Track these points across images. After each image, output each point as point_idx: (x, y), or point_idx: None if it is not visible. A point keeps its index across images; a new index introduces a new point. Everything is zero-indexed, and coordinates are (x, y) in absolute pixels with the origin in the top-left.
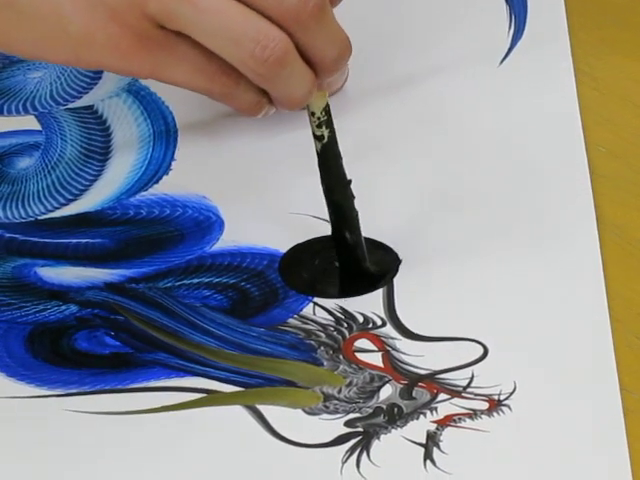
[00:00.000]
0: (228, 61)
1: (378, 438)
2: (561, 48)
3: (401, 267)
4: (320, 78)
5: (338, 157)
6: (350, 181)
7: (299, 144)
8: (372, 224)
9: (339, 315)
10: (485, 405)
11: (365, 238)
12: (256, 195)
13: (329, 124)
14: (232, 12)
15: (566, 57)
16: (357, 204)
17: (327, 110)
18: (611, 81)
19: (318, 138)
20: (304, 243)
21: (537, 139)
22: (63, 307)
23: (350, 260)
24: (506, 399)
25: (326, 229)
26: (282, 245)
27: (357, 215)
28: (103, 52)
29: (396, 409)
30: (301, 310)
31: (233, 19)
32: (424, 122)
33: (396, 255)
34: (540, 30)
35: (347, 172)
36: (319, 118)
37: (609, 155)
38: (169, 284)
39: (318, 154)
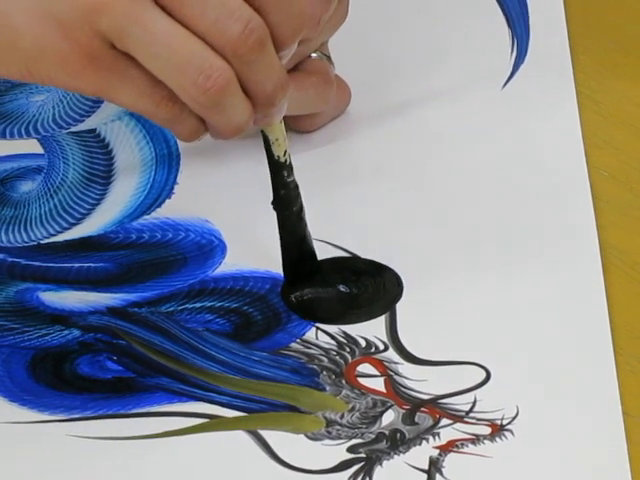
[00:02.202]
0: (170, 87)
1: (381, 464)
2: (563, 72)
3: (404, 291)
4: (256, 111)
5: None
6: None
7: (301, 168)
8: (373, 246)
9: (341, 339)
10: (488, 430)
11: (368, 260)
12: (258, 219)
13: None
14: (179, 39)
15: (568, 81)
16: (360, 227)
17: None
18: (613, 105)
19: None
20: (308, 266)
21: (539, 162)
22: (65, 332)
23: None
24: (509, 424)
25: (328, 252)
26: None
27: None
28: (52, 67)
29: (399, 434)
30: (304, 334)
31: (180, 46)
32: (426, 145)
33: (396, 279)
34: (542, 54)
35: (350, 196)
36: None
37: (612, 179)
38: (171, 308)
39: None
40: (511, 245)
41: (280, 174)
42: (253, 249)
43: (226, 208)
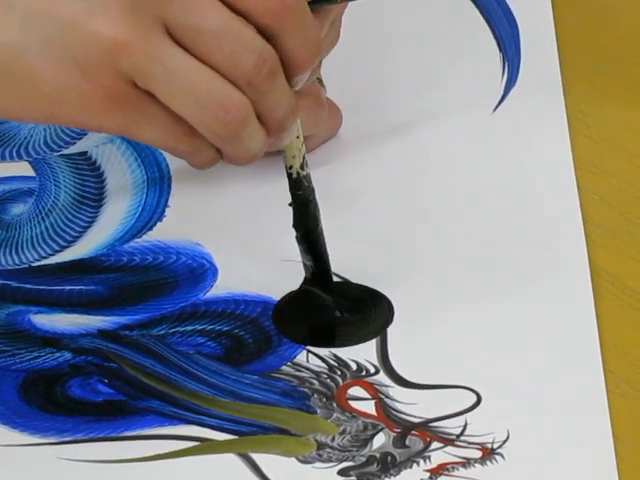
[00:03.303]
0: (189, 122)
1: None
2: (554, 96)
3: (395, 316)
4: (269, 136)
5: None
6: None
7: None
8: (363, 271)
9: (332, 363)
10: (478, 453)
11: (359, 285)
12: (250, 242)
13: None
14: (198, 74)
15: (559, 104)
16: (352, 251)
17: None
18: (604, 129)
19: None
20: (298, 290)
21: (530, 186)
22: (57, 354)
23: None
24: (499, 447)
25: None
26: (276, 292)
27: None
28: (76, 110)
29: (389, 458)
30: (295, 357)
31: (198, 81)
32: (417, 168)
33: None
34: (533, 77)
35: (341, 219)
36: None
37: (602, 203)
38: (163, 331)
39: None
40: (501, 268)
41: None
42: (244, 272)
43: (217, 231)
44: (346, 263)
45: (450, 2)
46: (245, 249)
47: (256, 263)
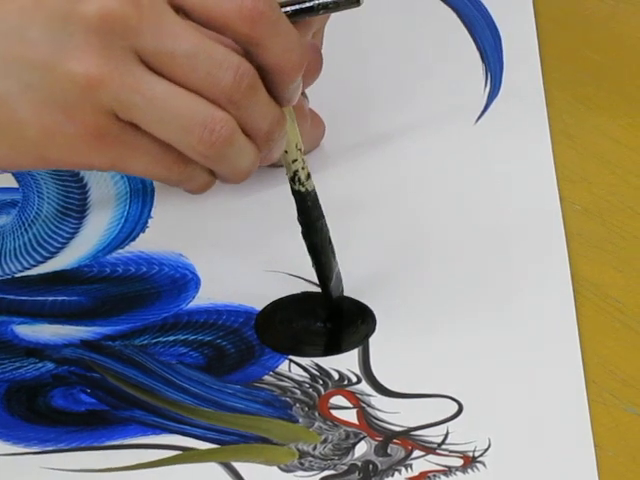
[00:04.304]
0: (176, 148)
1: None
2: (537, 106)
3: (377, 325)
4: (259, 151)
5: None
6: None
7: (274, 202)
8: (345, 281)
9: (314, 372)
10: (460, 462)
11: (341, 295)
12: (232, 253)
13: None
14: (177, 99)
15: (542, 115)
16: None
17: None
18: (587, 139)
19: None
20: (280, 300)
21: (512, 196)
22: (39, 364)
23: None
24: (480, 456)
25: (302, 287)
26: (258, 302)
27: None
28: (64, 152)
29: (371, 466)
30: (277, 367)
31: (179, 106)
32: (400, 179)
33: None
34: (516, 88)
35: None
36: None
37: (584, 213)
38: (145, 341)
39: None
40: (483, 279)
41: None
42: (227, 283)
43: (200, 242)
44: None
45: (433, 13)
46: (228, 260)
47: (239, 274)
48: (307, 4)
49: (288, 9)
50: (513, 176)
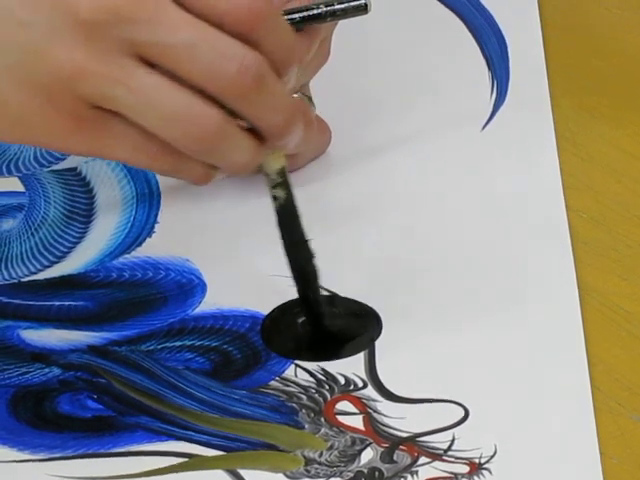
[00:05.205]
0: (163, 139)
1: None
2: (543, 114)
3: (383, 330)
4: (270, 143)
5: (295, 217)
6: (308, 240)
7: None
8: (351, 285)
9: (320, 377)
10: (466, 468)
11: (347, 299)
12: (238, 257)
13: (285, 185)
14: (163, 92)
15: (548, 123)
16: (340, 267)
17: (282, 172)
18: (592, 147)
19: (274, 198)
20: (285, 305)
21: (518, 204)
22: (46, 370)
23: (312, 318)
24: (487, 462)
25: None
26: (264, 307)
27: (316, 273)
28: (42, 133)
29: (377, 473)
30: (283, 372)
31: (164, 99)
32: (406, 186)
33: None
34: (522, 96)
35: (331, 235)
36: (273, 180)
37: (590, 221)
38: (151, 347)
39: (276, 213)
40: (490, 285)
41: None
42: (233, 288)
43: (206, 247)
44: (335, 278)
45: (440, 21)
46: (234, 265)
47: (245, 279)
48: (315, 11)
49: (296, 16)
50: (519, 184)
